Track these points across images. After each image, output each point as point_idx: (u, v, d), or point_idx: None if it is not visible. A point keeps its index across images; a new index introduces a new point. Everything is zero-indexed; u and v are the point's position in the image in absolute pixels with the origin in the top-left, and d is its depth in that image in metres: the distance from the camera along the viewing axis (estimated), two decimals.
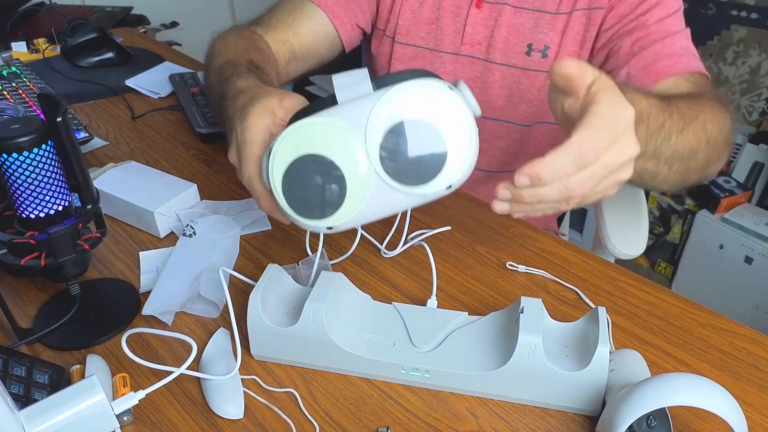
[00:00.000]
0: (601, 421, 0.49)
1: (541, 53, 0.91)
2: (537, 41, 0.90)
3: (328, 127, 0.48)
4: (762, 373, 0.58)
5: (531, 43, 0.90)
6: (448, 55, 0.95)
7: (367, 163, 0.48)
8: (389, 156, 0.48)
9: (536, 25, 0.90)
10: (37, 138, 0.53)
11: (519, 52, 0.91)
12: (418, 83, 0.47)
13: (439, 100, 0.47)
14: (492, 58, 0.93)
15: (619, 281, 0.69)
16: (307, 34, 0.91)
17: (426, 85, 0.47)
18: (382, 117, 0.47)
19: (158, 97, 1.15)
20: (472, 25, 0.92)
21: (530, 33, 0.90)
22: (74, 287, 0.62)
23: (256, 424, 0.53)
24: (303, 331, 0.55)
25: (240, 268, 0.71)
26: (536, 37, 0.90)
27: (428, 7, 0.94)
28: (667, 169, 0.63)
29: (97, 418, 0.46)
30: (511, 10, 0.90)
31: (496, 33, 0.91)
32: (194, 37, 2.32)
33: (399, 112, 0.47)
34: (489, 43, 0.92)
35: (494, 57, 0.93)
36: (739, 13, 1.97)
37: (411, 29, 0.95)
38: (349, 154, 0.48)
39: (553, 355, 0.53)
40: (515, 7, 0.90)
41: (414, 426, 0.53)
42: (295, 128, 0.49)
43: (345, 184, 0.49)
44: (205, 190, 0.83)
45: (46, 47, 1.34)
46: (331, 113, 0.49)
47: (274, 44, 0.88)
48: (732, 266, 1.94)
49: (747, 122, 2.07)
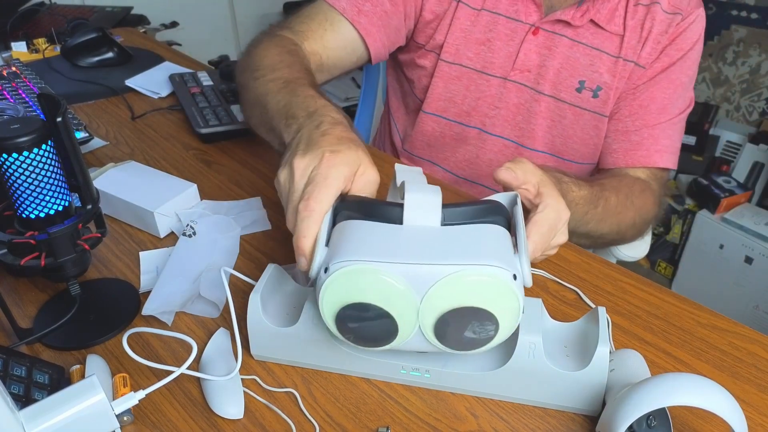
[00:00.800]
0: (601, 421, 0.49)
1: (593, 92, 0.90)
2: (590, 79, 0.89)
3: (388, 284, 0.48)
4: (762, 373, 0.58)
5: (584, 80, 0.89)
6: (495, 79, 0.93)
7: (420, 326, 0.50)
8: (441, 329, 0.49)
9: (591, 63, 0.88)
10: (37, 138, 0.53)
11: (569, 87, 0.90)
12: (482, 272, 0.47)
13: (499, 291, 0.47)
14: (541, 88, 0.91)
15: (619, 281, 0.69)
16: (337, 48, 0.89)
17: (489, 275, 0.47)
18: (441, 295, 0.48)
19: (158, 97, 1.15)
20: (526, 52, 0.90)
21: (584, 69, 0.89)
22: (74, 287, 0.62)
23: (256, 424, 0.53)
24: (303, 331, 0.55)
25: (240, 268, 0.71)
26: (590, 75, 0.89)
27: (480, 27, 0.91)
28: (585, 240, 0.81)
29: (97, 418, 0.46)
30: (569, 42, 0.88)
31: (548, 63, 0.89)
32: (194, 37, 2.32)
33: (459, 297, 0.47)
34: (539, 72, 0.91)
35: (543, 88, 0.91)
36: (739, 13, 1.97)
37: (460, 48, 0.92)
38: (405, 314, 0.49)
39: (553, 355, 0.53)
40: (573, 41, 0.88)
41: (414, 426, 0.53)
42: (358, 269, 0.48)
43: (397, 330, 0.50)
44: (205, 190, 0.83)
45: (46, 47, 1.34)
46: (392, 250, 0.48)
47: (306, 54, 0.86)
48: (732, 266, 1.94)
49: (747, 122, 2.07)
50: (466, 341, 0.49)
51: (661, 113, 0.89)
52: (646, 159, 0.89)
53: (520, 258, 0.50)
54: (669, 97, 0.88)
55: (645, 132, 0.89)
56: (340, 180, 0.53)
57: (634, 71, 0.88)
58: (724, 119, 2.13)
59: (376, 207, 0.52)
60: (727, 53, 2.03)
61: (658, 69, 0.88)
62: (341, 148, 0.55)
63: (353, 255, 0.48)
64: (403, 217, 0.50)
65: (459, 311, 0.47)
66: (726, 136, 2.09)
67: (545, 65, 0.90)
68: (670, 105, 0.89)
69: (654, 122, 0.89)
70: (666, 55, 0.87)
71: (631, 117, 0.90)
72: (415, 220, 0.50)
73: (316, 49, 0.87)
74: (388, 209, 0.51)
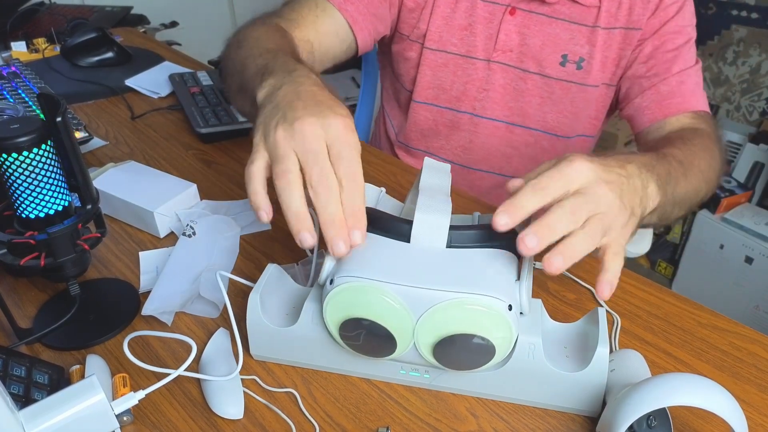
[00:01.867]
0: (602, 421, 0.49)
1: (576, 65, 0.91)
2: (572, 52, 0.90)
3: (387, 303, 0.49)
4: (762, 373, 0.58)
5: (566, 54, 0.90)
6: (480, 62, 0.94)
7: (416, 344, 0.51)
8: (438, 350, 0.51)
9: (571, 36, 0.90)
10: (37, 138, 0.53)
11: (553, 62, 0.91)
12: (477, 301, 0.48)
13: (493, 321, 0.49)
14: (526, 66, 0.92)
15: (619, 281, 0.69)
16: (328, 35, 0.89)
17: (484, 305, 0.48)
18: (436, 319, 0.49)
19: (158, 96, 1.15)
20: (506, 32, 0.91)
21: (565, 44, 0.90)
22: (74, 287, 0.61)
23: (256, 425, 0.53)
24: (303, 331, 0.55)
25: (240, 268, 0.71)
26: (572, 49, 0.90)
27: (461, 13, 0.92)
28: (678, 210, 0.69)
29: (97, 418, 0.46)
30: (546, 19, 0.89)
31: (529, 41, 0.91)
32: (194, 37, 2.32)
33: (453, 323, 0.49)
34: (521, 50, 0.92)
35: (528, 66, 0.92)
36: (740, 12, 1.97)
37: (443, 35, 0.94)
38: (402, 332, 0.50)
39: (552, 355, 0.53)
40: (550, 17, 0.89)
41: (414, 426, 0.53)
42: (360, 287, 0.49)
43: (395, 345, 0.51)
44: (205, 190, 0.83)
45: (45, 47, 1.34)
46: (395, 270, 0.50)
47: (297, 42, 0.85)
48: (732, 266, 1.94)
49: (747, 122, 2.07)
50: (461, 362, 0.51)
51: (679, 61, 0.87)
52: (682, 104, 0.86)
53: (520, 286, 0.51)
54: (681, 46, 0.88)
55: (672, 80, 0.87)
56: (359, 146, 0.52)
57: (628, 35, 0.89)
58: (725, 119, 2.13)
59: (388, 223, 0.54)
60: (728, 53, 2.03)
61: (656, 25, 0.88)
62: (342, 110, 0.53)
63: (357, 272, 0.50)
64: (411, 236, 0.52)
65: (454, 336, 0.49)
66: (726, 135, 2.09)
67: (527, 44, 0.91)
68: (685, 53, 0.88)
69: (678, 69, 0.87)
70: (662, 10, 0.88)
71: (651, 72, 0.88)
72: (422, 241, 0.52)
73: (307, 35, 0.87)
74: (399, 226, 0.53)
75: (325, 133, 0.51)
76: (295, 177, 0.50)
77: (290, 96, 0.55)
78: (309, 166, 0.50)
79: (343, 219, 0.49)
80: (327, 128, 0.51)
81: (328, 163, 0.50)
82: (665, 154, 0.66)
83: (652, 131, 0.87)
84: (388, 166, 0.91)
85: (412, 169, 0.90)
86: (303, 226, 0.49)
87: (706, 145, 0.77)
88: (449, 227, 0.52)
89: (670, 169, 0.63)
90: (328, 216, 0.49)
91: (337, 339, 0.53)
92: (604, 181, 0.51)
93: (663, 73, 0.87)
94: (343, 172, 0.50)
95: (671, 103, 0.86)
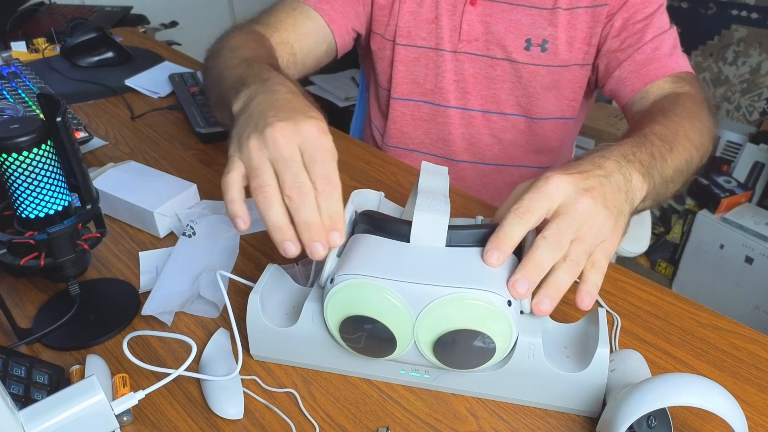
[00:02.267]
0: (602, 421, 0.49)
1: (540, 47, 0.92)
2: (535, 36, 0.91)
3: (387, 299, 0.49)
4: (762, 373, 0.58)
5: (529, 38, 0.91)
6: (448, 53, 0.95)
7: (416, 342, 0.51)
8: (438, 348, 0.51)
9: (533, 21, 0.91)
10: (37, 138, 0.53)
11: (518, 47, 0.92)
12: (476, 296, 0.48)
13: (493, 316, 0.49)
14: (493, 53, 0.94)
15: (619, 281, 0.69)
16: (308, 36, 0.91)
17: (483, 300, 0.48)
18: (435, 315, 0.49)
19: (158, 96, 1.15)
20: (468, 22, 0.93)
21: (527, 28, 0.91)
22: (74, 287, 0.62)
23: (256, 425, 0.53)
24: (303, 331, 0.55)
25: (240, 268, 0.71)
26: (534, 32, 0.91)
27: (427, 7, 0.94)
28: (673, 186, 0.68)
29: (96, 418, 0.46)
30: (507, 6, 0.91)
31: (492, 29, 0.92)
32: (194, 37, 2.32)
33: (453, 319, 0.49)
34: (486, 39, 0.93)
35: (495, 53, 0.94)
36: (740, 12, 1.97)
37: (411, 30, 0.95)
38: (402, 330, 0.50)
39: (552, 356, 0.53)
40: (510, 4, 0.91)
41: (414, 426, 0.53)
42: (360, 284, 0.50)
43: (395, 344, 0.51)
44: (205, 190, 0.83)
45: (45, 47, 1.34)
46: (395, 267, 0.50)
47: (277, 46, 0.87)
48: (732, 266, 1.94)
49: (747, 122, 2.07)
50: (461, 360, 0.51)
51: (652, 28, 0.86)
52: (660, 69, 0.84)
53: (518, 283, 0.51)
54: (652, 14, 0.87)
55: (647, 48, 0.86)
56: (334, 149, 0.52)
57: (595, 13, 0.89)
58: (725, 119, 2.13)
59: (388, 224, 0.54)
60: (728, 53, 2.03)
61: None
62: (315, 114, 0.54)
63: (358, 269, 0.50)
64: (410, 236, 0.53)
65: (454, 332, 0.49)
66: (726, 135, 2.09)
67: (490, 32, 0.92)
68: (657, 19, 0.87)
69: (651, 36, 0.86)
70: None
71: (625, 44, 0.88)
72: (422, 240, 0.53)
73: (287, 38, 0.88)
74: (398, 227, 0.54)
75: (297, 138, 0.51)
76: (272, 190, 0.50)
77: (263, 105, 0.56)
78: (282, 173, 0.51)
79: (320, 222, 0.50)
80: (298, 132, 0.51)
81: (302, 167, 0.51)
82: (646, 135, 0.65)
83: (636, 102, 0.86)
84: (388, 166, 0.91)
85: (412, 169, 0.90)
86: (284, 237, 0.50)
87: (690, 110, 0.75)
88: (449, 227, 0.52)
89: (653, 151, 0.62)
90: (302, 221, 0.50)
91: (337, 339, 0.53)
92: (583, 190, 0.52)
93: (637, 42, 0.86)
94: (317, 175, 0.50)
95: (649, 69, 0.85)
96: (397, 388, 0.57)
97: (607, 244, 0.53)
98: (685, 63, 0.86)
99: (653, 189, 0.60)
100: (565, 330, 0.56)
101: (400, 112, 1.03)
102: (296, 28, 0.89)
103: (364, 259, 0.51)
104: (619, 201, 0.54)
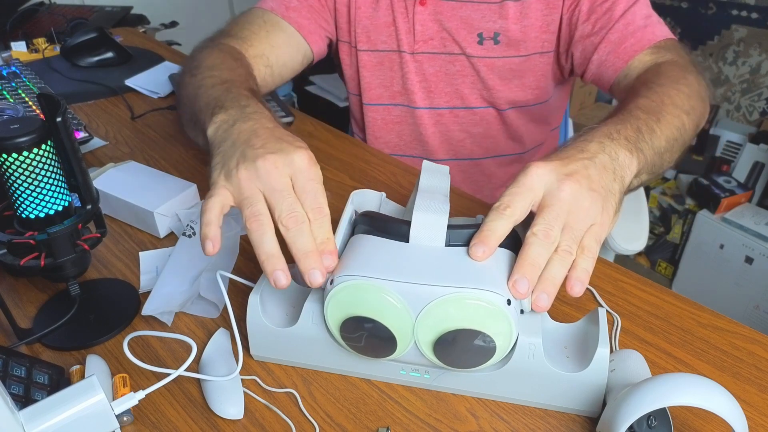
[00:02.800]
0: (602, 421, 0.49)
1: (493, 40, 0.92)
2: (486, 29, 0.92)
3: (386, 300, 0.49)
4: (762, 373, 0.58)
5: (481, 32, 0.92)
6: (408, 55, 0.96)
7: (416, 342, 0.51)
8: (438, 348, 0.51)
9: (482, 15, 0.91)
10: (37, 138, 0.53)
11: (471, 42, 0.93)
12: (475, 295, 0.48)
13: (492, 316, 0.49)
14: (450, 50, 0.95)
15: (619, 281, 0.69)
16: (282, 47, 0.91)
17: (482, 299, 0.48)
18: (435, 315, 0.49)
19: (158, 96, 1.15)
20: (421, 23, 0.93)
21: (478, 23, 0.92)
22: (74, 287, 0.62)
23: (256, 425, 0.53)
24: (303, 331, 0.55)
25: (240, 268, 0.71)
26: (485, 26, 0.92)
27: (383, 10, 0.95)
28: (670, 155, 0.66)
29: (97, 419, 0.46)
30: (456, 3, 0.92)
31: (446, 26, 0.93)
32: (194, 37, 2.32)
33: (452, 318, 0.49)
34: (441, 37, 0.94)
35: (451, 49, 0.95)
36: (740, 12, 1.97)
37: (371, 35, 0.96)
38: (402, 330, 0.50)
39: (553, 356, 0.53)
40: (459, 1, 0.91)
41: (414, 426, 0.53)
42: (359, 285, 0.50)
43: (395, 344, 0.51)
44: (205, 190, 0.82)
45: (45, 47, 1.34)
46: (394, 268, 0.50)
47: (252, 60, 0.85)
48: (732, 266, 1.94)
49: (747, 122, 2.07)
50: (461, 360, 0.51)
51: (620, 5, 0.84)
52: (637, 44, 0.82)
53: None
54: None
55: (619, 26, 0.84)
56: (321, 177, 0.54)
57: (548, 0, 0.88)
58: (725, 119, 2.13)
59: (387, 224, 0.54)
60: (728, 53, 2.03)
61: None
62: (301, 143, 0.55)
63: (357, 270, 0.50)
64: (409, 236, 0.53)
65: (454, 332, 0.49)
66: (726, 135, 2.09)
67: (444, 29, 0.93)
68: None
69: (620, 12, 0.84)
70: None
71: (597, 27, 0.86)
72: (421, 240, 0.53)
73: (262, 50, 0.88)
74: (397, 227, 0.54)
75: (288, 170, 0.53)
76: (266, 219, 0.52)
77: (246, 134, 0.57)
78: (277, 204, 0.52)
79: (316, 250, 0.51)
80: (290, 164, 0.53)
81: (295, 198, 0.52)
82: (630, 110, 0.64)
83: (621, 81, 0.84)
84: (388, 166, 0.91)
85: (413, 169, 0.90)
86: (276, 267, 0.51)
87: (674, 76, 0.73)
88: (448, 227, 0.53)
89: (639, 125, 0.61)
90: (299, 249, 0.51)
91: (337, 339, 0.53)
92: (565, 175, 0.52)
93: (608, 23, 0.84)
94: (309, 206, 0.52)
95: (626, 47, 0.83)
96: (397, 388, 0.57)
97: (597, 227, 0.52)
98: (661, 30, 0.83)
99: (646, 163, 0.59)
100: (565, 330, 0.56)
101: (372, 118, 1.04)
102: (270, 40, 0.89)
103: (363, 260, 0.51)
104: (606, 181, 0.54)
